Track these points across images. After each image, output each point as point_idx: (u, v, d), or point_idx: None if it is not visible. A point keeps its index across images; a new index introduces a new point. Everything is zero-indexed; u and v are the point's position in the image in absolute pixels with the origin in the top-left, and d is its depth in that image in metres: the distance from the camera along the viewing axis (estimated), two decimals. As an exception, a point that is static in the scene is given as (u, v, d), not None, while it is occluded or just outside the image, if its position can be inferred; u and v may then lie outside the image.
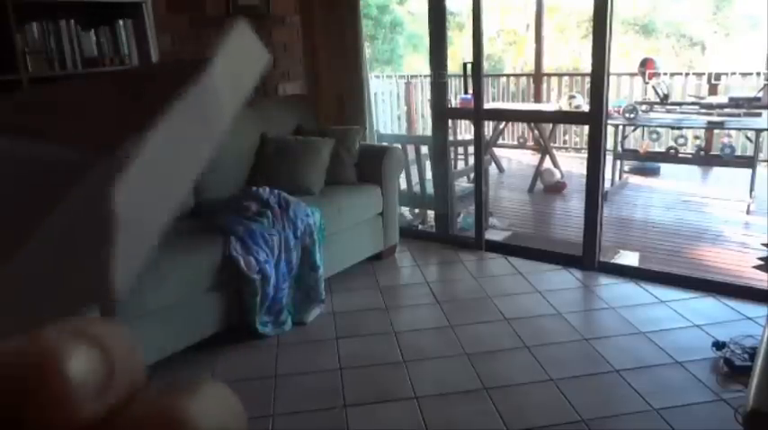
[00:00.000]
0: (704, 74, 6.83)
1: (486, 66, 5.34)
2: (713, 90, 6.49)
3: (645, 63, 6.19)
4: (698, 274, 3.39)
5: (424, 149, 4.23)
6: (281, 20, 4.23)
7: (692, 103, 5.97)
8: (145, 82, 0.17)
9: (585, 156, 3.44)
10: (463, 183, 4.39)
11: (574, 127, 7.50)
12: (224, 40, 0.18)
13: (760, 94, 5.64)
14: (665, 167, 6.21)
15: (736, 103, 5.52)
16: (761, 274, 3.17)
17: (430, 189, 4.19)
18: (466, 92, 4.01)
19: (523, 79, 8.17)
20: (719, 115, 5.48)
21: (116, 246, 0.14)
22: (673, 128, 5.69)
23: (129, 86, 0.18)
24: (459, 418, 2.18)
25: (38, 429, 0.15)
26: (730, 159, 5.40)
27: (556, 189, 5.79)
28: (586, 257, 3.48)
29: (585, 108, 4.20)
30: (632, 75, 6.92)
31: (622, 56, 10.30)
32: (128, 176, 0.14)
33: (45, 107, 0.17)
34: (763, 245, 3.53)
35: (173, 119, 0.15)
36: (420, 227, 4.51)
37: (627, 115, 5.62)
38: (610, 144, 5.39)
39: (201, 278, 2.59)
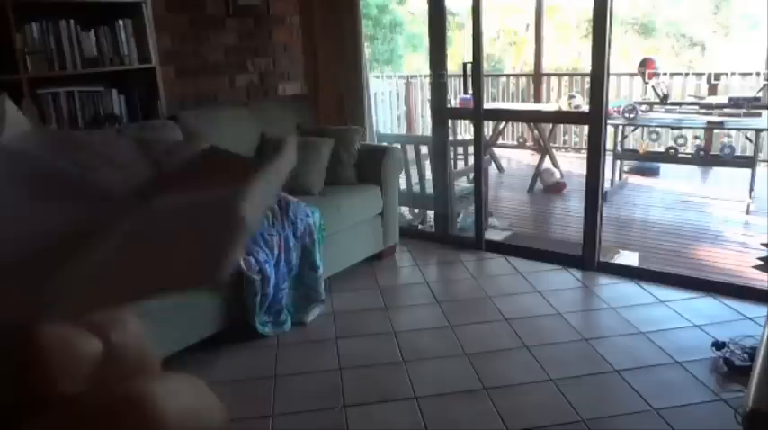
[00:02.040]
0: (704, 74, 6.83)
1: (486, 66, 5.34)
2: (713, 90, 6.49)
3: (645, 63, 6.19)
4: (698, 274, 3.39)
5: (424, 149, 4.23)
6: (281, 20, 4.23)
7: (692, 103, 5.97)
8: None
9: (585, 156, 3.43)
10: (463, 183, 4.38)
11: (573, 127, 7.49)
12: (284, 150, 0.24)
13: (760, 94, 5.64)
14: (664, 167, 6.21)
15: (735, 102, 5.52)
16: (761, 274, 3.17)
17: (430, 189, 4.19)
18: (466, 92, 4.01)
19: (523, 79, 8.17)
20: (719, 115, 5.48)
21: (239, 243, 0.19)
22: (672, 128, 5.69)
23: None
24: (459, 418, 2.18)
25: (28, 392, 0.17)
26: (730, 159, 5.40)
27: (555, 189, 5.78)
28: (586, 257, 3.48)
29: (585, 108, 4.20)
30: (632, 75, 6.92)
31: (622, 56, 10.30)
32: (251, 194, 0.19)
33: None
34: (762, 245, 3.53)
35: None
36: (420, 227, 4.51)
37: (626, 115, 5.62)
38: (609, 144, 5.39)
39: (201, 278, 2.58)
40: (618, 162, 5.89)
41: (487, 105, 5.45)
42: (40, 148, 0.20)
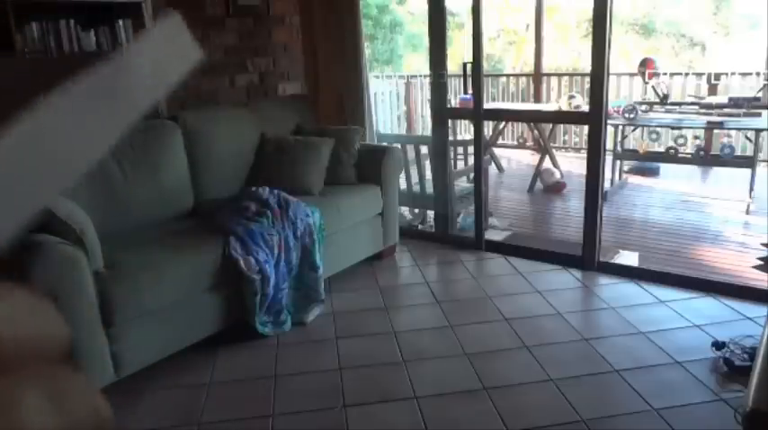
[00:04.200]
0: (704, 74, 6.83)
1: (486, 66, 5.33)
2: (713, 90, 6.49)
3: (645, 63, 6.19)
4: (698, 274, 3.39)
5: (424, 149, 4.23)
6: (281, 20, 4.23)
7: (692, 103, 5.97)
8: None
9: (585, 156, 3.43)
10: (463, 183, 4.39)
11: (573, 127, 7.49)
12: (151, 30, 0.20)
13: (760, 94, 5.64)
14: (664, 167, 6.21)
15: (735, 102, 5.52)
16: (761, 274, 3.18)
17: (430, 189, 4.19)
18: (466, 92, 4.01)
19: (523, 79, 8.17)
20: (719, 115, 5.48)
21: None
22: (672, 128, 5.69)
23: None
24: (459, 418, 2.18)
25: None
26: (730, 159, 5.40)
27: (555, 189, 5.79)
28: (586, 257, 3.48)
29: (585, 108, 4.20)
30: (632, 75, 6.92)
31: (622, 56, 10.31)
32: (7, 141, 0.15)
33: None
34: (762, 245, 3.54)
35: (72, 93, 0.17)
36: (420, 227, 4.51)
37: (626, 115, 5.62)
38: (609, 144, 5.39)
39: (201, 278, 2.59)
40: (618, 162, 5.89)
41: (487, 105, 5.45)
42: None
